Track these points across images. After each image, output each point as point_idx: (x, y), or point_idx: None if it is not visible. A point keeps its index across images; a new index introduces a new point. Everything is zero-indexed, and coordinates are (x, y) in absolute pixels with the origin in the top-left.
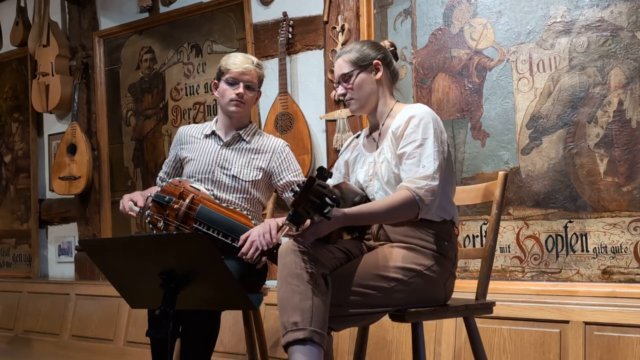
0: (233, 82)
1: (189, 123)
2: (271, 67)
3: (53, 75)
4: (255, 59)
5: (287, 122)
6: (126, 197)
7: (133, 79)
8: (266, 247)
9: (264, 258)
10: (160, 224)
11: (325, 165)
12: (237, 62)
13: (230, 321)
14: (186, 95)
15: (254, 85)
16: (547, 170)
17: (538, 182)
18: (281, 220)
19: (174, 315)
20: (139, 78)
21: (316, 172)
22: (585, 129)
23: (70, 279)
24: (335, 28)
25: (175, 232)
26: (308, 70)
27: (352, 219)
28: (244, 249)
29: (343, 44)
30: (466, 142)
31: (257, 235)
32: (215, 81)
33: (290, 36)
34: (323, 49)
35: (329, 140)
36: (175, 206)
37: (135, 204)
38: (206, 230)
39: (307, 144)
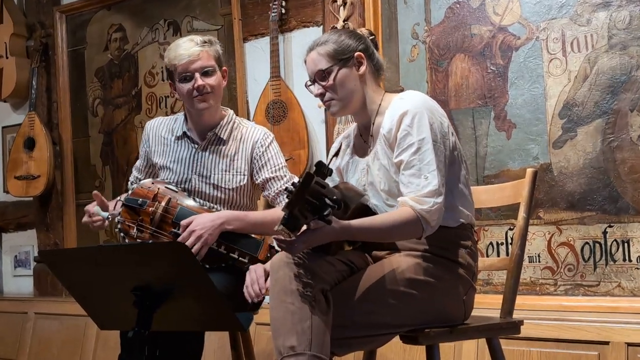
0: (186, 77)
1: (166, 113)
2: (261, 47)
3: (7, 57)
4: (200, 38)
5: (280, 111)
6: (90, 206)
7: (101, 61)
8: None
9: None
10: (133, 232)
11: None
12: (180, 52)
13: (216, 343)
14: (162, 80)
15: (211, 68)
16: (583, 167)
17: (572, 181)
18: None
19: (150, 338)
20: (108, 61)
21: (314, 168)
22: (627, 118)
23: (29, 295)
24: (335, 1)
25: (150, 241)
26: (304, 50)
27: (349, 233)
28: (181, 237)
29: (345, 20)
30: (489, 134)
31: (201, 224)
32: (170, 82)
33: (283, 11)
34: (322, 26)
35: (328, 132)
36: (150, 209)
37: (103, 208)
38: None
39: (304, 136)
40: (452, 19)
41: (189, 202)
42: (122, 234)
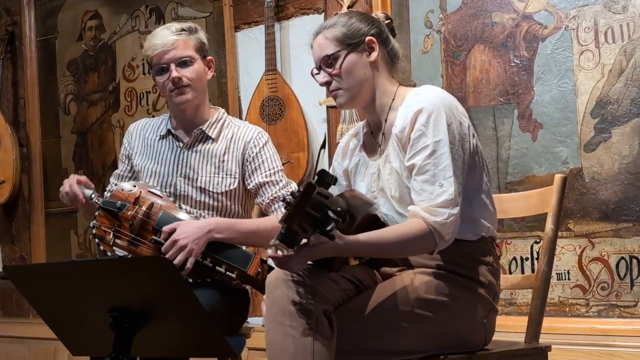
0: (162, 69)
1: (148, 111)
2: (255, 37)
3: None
4: (177, 26)
5: (277, 109)
6: (69, 179)
7: (74, 53)
8: None
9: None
10: (110, 238)
11: (327, 167)
12: (154, 41)
13: None
14: (144, 74)
15: (189, 58)
16: (618, 172)
17: (606, 188)
18: None
19: None
20: (82, 52)
21: (316, 177)
22: None
23: None
24: None
25: (129, 255)
26: (304, 41)
27: (354, 249)
28: (164, 247)
29: (349, 7)
30: (512, 135)
31: (186, 232)
32: (152, 75)
33: None
34: (323, 13)
35: (331, 132)
36: (130, 213)
37: (87, 186)
38: None
39: (303, 137)
40: (471, 6)
41: (176, 212)
42: (97, 240)
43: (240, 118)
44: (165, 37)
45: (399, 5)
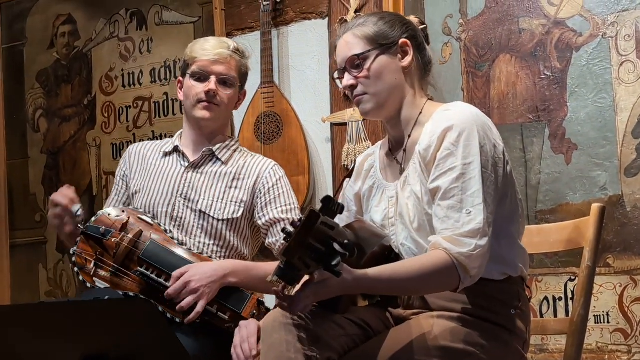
0: (201, 76)
1: (128, 128)
2: (250, 44)
3: None
4: (234, 44)
5: (273, 126)
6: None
7: (44, 62)
8: None
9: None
10: (90, 267)
11: (331, 193)
12: (207, 47)
13: None
14: (123, 86)
15: (231, 80)
16: None
17: None
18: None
19: None
20: (54, 61)
21: (320, 205)
22: None
23: None
24: None
25: (106, 297)
26: (305, 49)
27: (365, 285)
28: (172, 289)
29: (357, 11)
30: (543, 158)
31: (199, 274)
32: (180, 78)
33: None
34: (327, 18)
35: (335, 153)
36: (114, 240)
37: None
38: (156, 278)
39: (303, 159)
40: (495, 10)
41: (167, 244)
42: (76, 269)
43: (232, 135)
44: (220, 48)
45: (413, 8)
